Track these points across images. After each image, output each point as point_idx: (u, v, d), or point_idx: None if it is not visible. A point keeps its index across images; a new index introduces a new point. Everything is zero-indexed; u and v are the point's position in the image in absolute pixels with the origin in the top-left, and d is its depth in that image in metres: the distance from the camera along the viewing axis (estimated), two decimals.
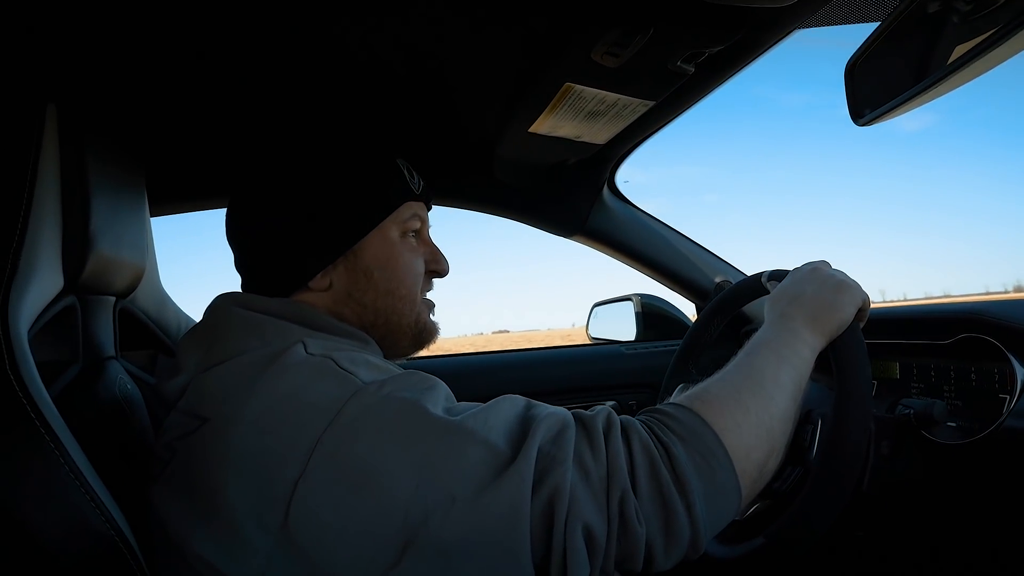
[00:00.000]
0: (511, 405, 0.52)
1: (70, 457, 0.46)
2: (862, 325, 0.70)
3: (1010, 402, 0.73)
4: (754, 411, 0.55)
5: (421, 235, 0.70)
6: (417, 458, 0.46)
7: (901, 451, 0.82)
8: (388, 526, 0.44)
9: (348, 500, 0.45)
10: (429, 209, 0.72)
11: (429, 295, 0.71)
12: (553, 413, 0.51)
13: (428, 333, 0.70)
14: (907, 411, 0.81)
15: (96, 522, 0.47)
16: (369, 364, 0.53)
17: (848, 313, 0.66)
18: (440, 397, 0.51)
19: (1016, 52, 0.55)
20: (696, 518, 0.48)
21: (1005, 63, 0.58)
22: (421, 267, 0.68)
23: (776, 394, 0.57)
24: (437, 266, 0.71)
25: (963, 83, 0.61)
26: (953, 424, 0.80)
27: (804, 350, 0.63)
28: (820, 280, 0.68)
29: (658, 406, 0.56)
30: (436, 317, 0.71)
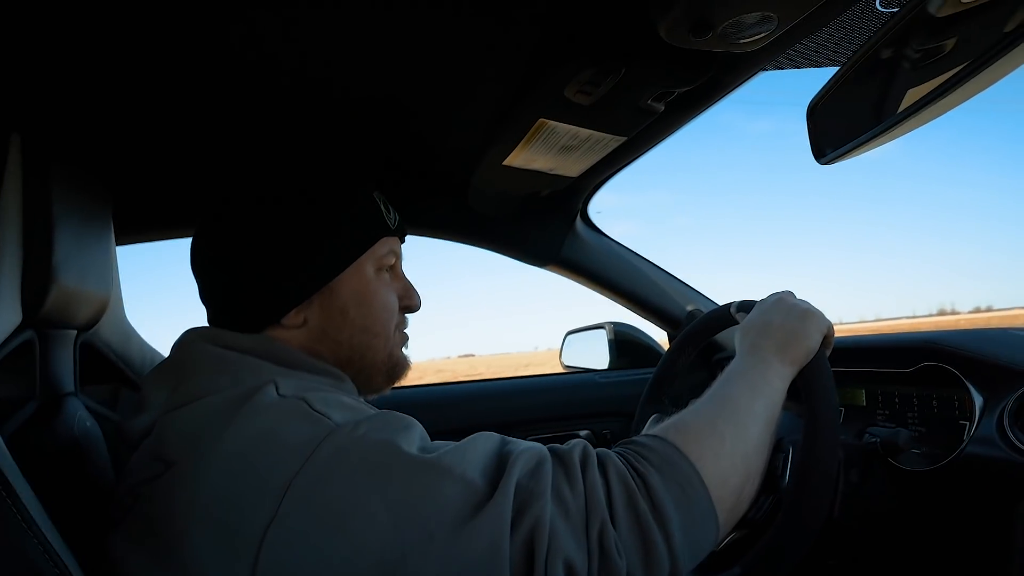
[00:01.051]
0: (486, 441, 0.52)
1: (21, 503, 0.44)
2: (828, 352, 0.72)
3: (970, 428, 0.75)
4: (729, 440, 0.55)
5: (395, 270, 0.69)
6: (393, 497, 0.45)
7: (869, 478, 0.84)
8: (364, 568, 0.43)
9: (322, 543, 0.43)
10: (403, 243, 0.71)
11: (404, 330, 0.71)
12: (529, 448, 0.51)
13: (400, 368, 0.69)
14: (874, 439, 0.83)
15: (47, 570, 0.44)
16: (342, 405, 0.52)
17: (815, 341, 0.68)
18: (415, 437, 0.50)
19: (964, 100, 0.58)
20: (675, 548, 0.48)
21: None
22: (395, 303, 0.68)
23: (750, 423, 0.58)
24: (410, 302, 0.70)
25: (920, 125, 0.64)
26: (917, 451, 0.82)
27: (775, 380, 0.64)
28: (786, 310, 0.70)
29: (634, 437, 0.56)
30: (407, 350, 0.71)
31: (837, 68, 0.68)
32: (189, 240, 0.65)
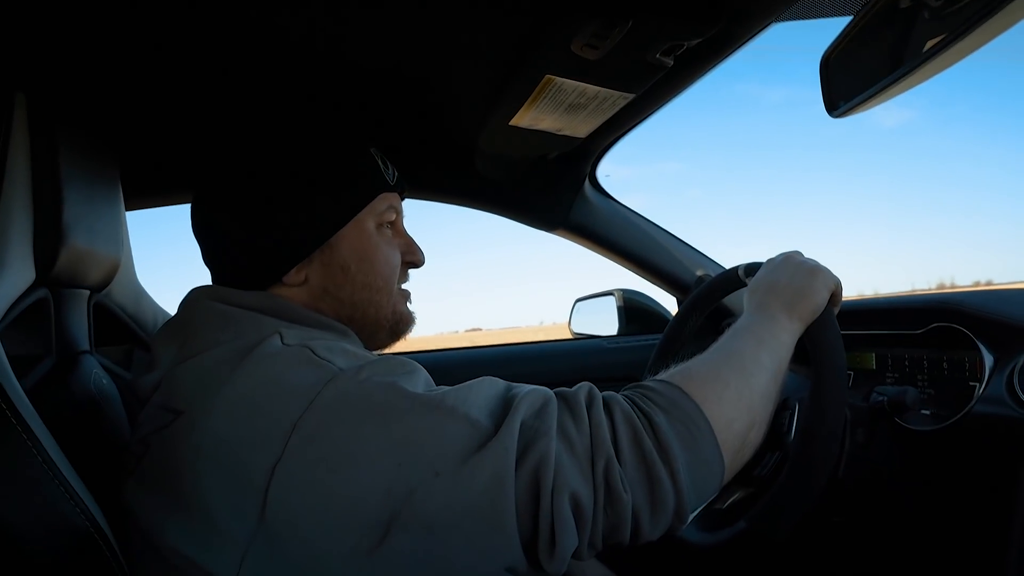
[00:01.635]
0: (491, 384, 0.52)
1: (45, 451, 0.45)
2: (836, 310, 0.71)
3: (979, 389, 0.75)
4: (734, 385, 0.56)
5: (396, 226, 0.69)
6: (398, 436, 0.45)
7: (875, 438, 0.84)
8: (370, 505, 0.44)
9: (328, 482, 0.44)
10: (403, 199, 0.71)
11: (405, 285, 0.71)
12: (534, 390, 0.52)
13: (405, 323, 0.69)
14: (880, 398, 0.83)
15: (72, 516, 0.46)
16: (346, 352, 0.52)
17: (822, 297, 0.68)
18: (419, 380, 0.51)
19: (981, 44, 0.57)
20: (680, 485, 0.49)
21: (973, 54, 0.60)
22: (397, 259, 0.68)
23: (756, 371, 0.59)
24: (413, 257, 0.70)
25: (933, 74, 0.62)
26: (926, 412, 0.82)
27: (783, 335, 0.64)
28: (793, 268, 0.70)
29: (639, 382, 0.57)
30: (412, 306, 0.71)
31: (851, 18, 0.66)
32: None
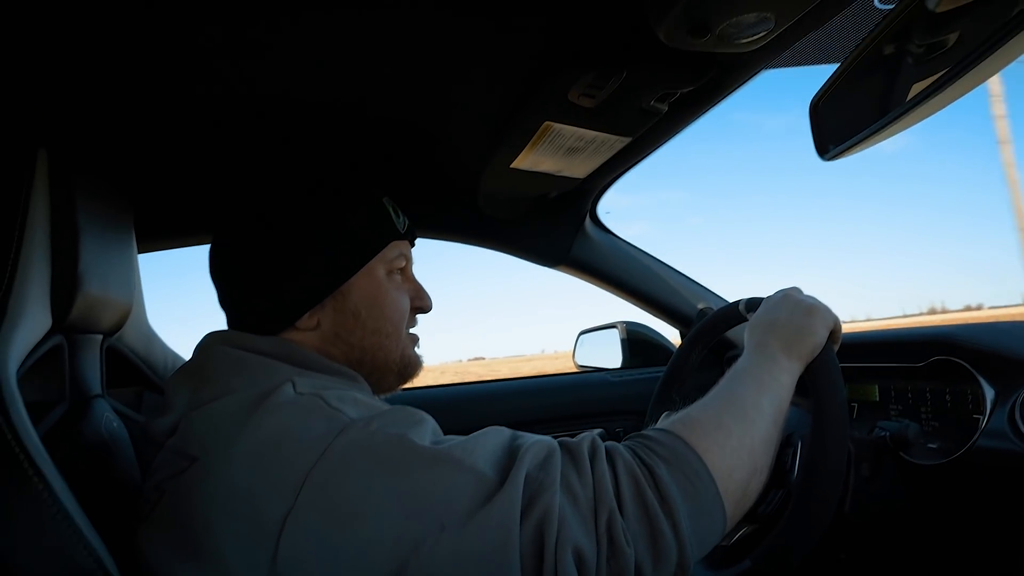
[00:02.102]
0: (496, 435, 0.53)
1: (57, 497, 0.46)
2: (837, 347, 0.72)
3: (982, 422, 0.75)
4: (736, 434, 0.56)
5: (405, 273, 0.71)
6: (405, 489, 0.46)
7: (880, 473, 0.83)
8: (378, 557, 0.45)
9: (337, 534, 0.45)
10: (413, 246, 0.73)
11: (413, 330, 0.72)
12: (539, 441, 0.52)
13: (412, 367, 0.71)
14: (883, 433, 0.83)
15: (83, 561, 0.46)
16: (357, 401, 0.53)
17: (821, 336, 0.68)
18: (427, 431, 0.52)
19: (967, 91, 0.59)
20: (682, 537, 0.49)
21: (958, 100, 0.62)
22: (407, 305, 0.69)
23: (757, 418, 0.59)
24: (421, 303, 0.72)
25: (921, 119, 0.64)
26: (933, 446, 0.82)
27: (783, 376, 0.65)
28: (791, 306, 0.70)
29: (641, 432, 0.57)
30: (420, 350, 0.72)
31: (838, 65, 0.69)
32: (208, 247, 0.68)
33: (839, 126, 0.69)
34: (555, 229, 1.28)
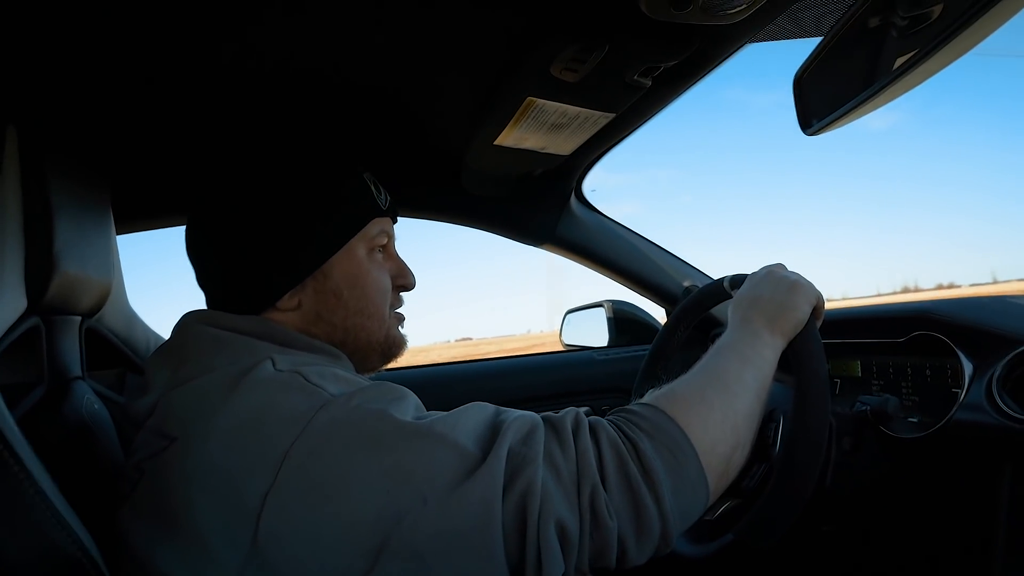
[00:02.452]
0: (479, 410, 0.53)
1: (35, 480, 0.46)
2: (819, 323, 0.73)
3: (960, 395, 0.76)
4: (718, 407, 0.56)
5: (387, 250, 0.70)
6: (387, 464, 0.46)
7: (862, 446, 0.85)
8: (360, 533, 0.45)
9: (319, 510, 0.45)
10: (395, 223, 0.72)
11: (399, 309, 0.72)
12: (522, 416, 0.53)
13: (397, 347, 0.70)
14: (864, 407, 0.84)
15: (64, 544, 0.46)
16: (337, 377, 0.53)
17: (804, 312, 0.69)
18: (409, 406, 0.52)
19: (948, 63, 0.58)
20: (665, 510, 0.49)
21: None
22: (389, 283, 0.69)
23: (740, 391, 0.59)
24: (404, 281, 0.71)
25: (903, 92, 0.64)
26: (914, 419, 0.83)
27: (766, 351, 0.65)
28: (775, 283, 0.71)
29: (625, 406, 0.58)
30: (405, 330, 0.72)
31: (821, 39, 0.68)
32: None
33: (823, 100, 0.69)
34: (540, 208, 1.27)
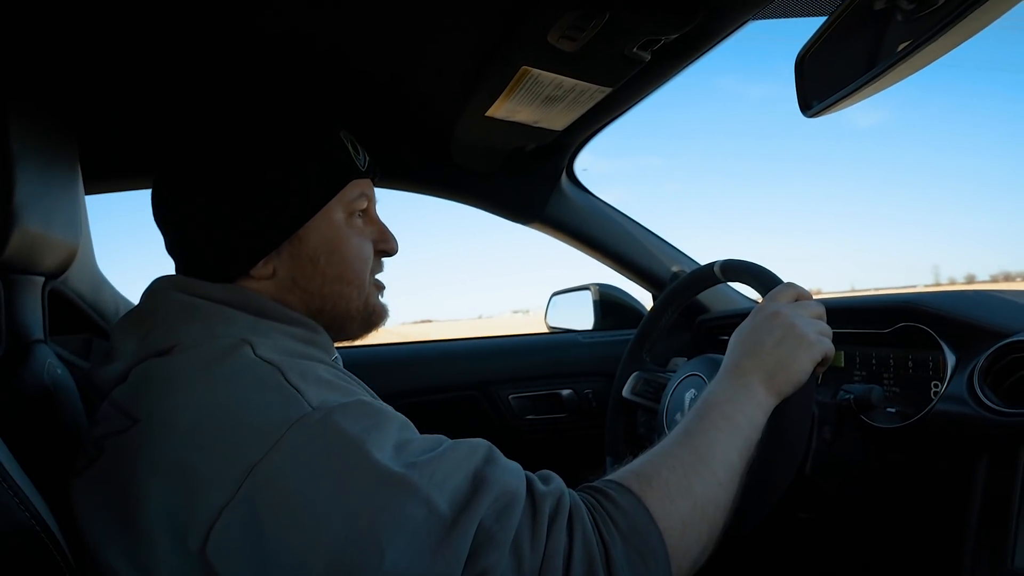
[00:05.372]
0: (468, 455, 0.49)
1: None
2: (823, 370, 0.67)
3: (941, 387, 0.76)
4: (701, 502, 0.53)
5: (368, 213, 0.66)
6: (351, 507, 0.43)
7: (842, 435, 0.85)
8: (313, 569, 0.42)
9: (274, 536, 0.42)
10: (375, 184, 0.68)
11: (379, 276, 0.69)
12: (506, 482, 0.48)
13: (377, 316, 0.67)
14: (847, 396, 0.84)
15: (17, 513, 0.44)
16: (320, 380, 0.49)
17: (806, 371, 0.63)
18: (390, 434, 0.48)
19: (952, 47, 0.57)
20: None
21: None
22: (369, 250, 0.65)
23: (726, 479, 0.56)
24: (386, 246, 0.67)
25: (906, 76, 0.63)
26: (892, 409, 0.84)
27: (757, 414, 0.61)
28: (782, 332, 0.64)
29: (608, 486, 0.53)
30: (385, 299, 0.69)
31: (825, 19, 0.67)
32: None
33: (823, 82, 0.68)
34: (530, 185, 1.25)
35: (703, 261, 1.39)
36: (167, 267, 0.64)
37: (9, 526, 0.43)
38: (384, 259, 0.69)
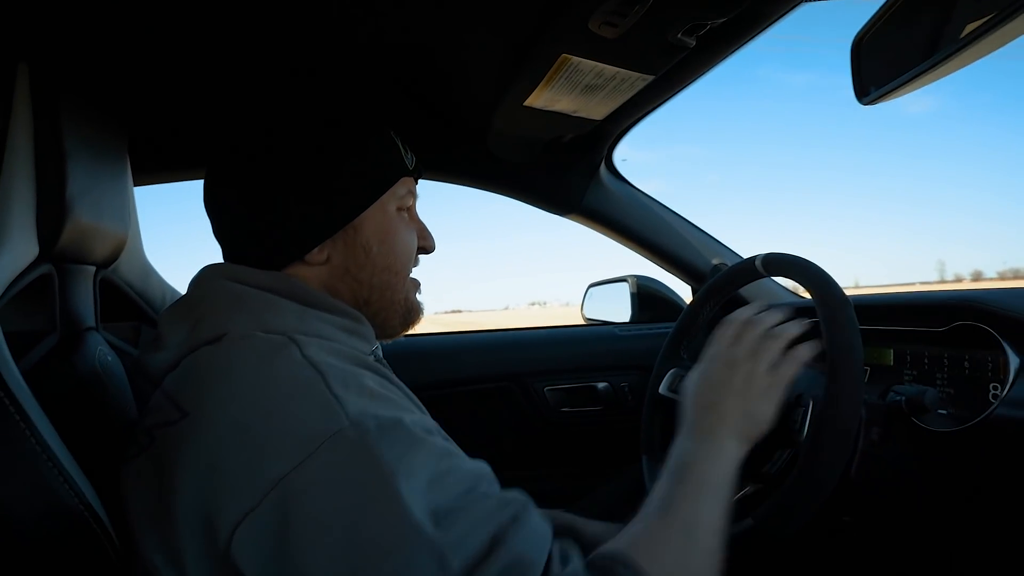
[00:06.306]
0: (497, 508, 0.47)
1: (37, 431, 0.45)
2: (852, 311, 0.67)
3: (1002, 390, 0.72)
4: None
5: (411, 211, 0.68)
6: (365, 536, 0.43)
7: (890, 437, 0.82)
8: None
9: (285, 552, 0.43)
10: (417, 184, 0.70)
11: (415, 274, 0.70)
12: (523, 551, 0.46)
13: (415, 312, 0.69)
14: (898, 398, 0.80)
15: (66, 498, 0.45)
16: (362, 389, 0.49)
17: (771, 414, 0.65)
18: (427, 462, 0.47)
19: (1020, 33, 0.54)
20: None
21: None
22: (415, 243, 0.68)
23: (714, 545, 0.56)
24: (425, 243, 0.70)
25: (972, 61, 0.59)
26: (944, 412, 0.80)
27: (731, 469, 0.61)
28: (741, 384, 0.65)
29: (615, 559, 0.51)
30: (421, 297, 0.70)
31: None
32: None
33: (882, 67, 0.64)
34: (568, 175, 1.23)
35: (745, 254, 1.35)
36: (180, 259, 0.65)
37: (57, 510, 0.45)
38: (421, 256, 0.71)
